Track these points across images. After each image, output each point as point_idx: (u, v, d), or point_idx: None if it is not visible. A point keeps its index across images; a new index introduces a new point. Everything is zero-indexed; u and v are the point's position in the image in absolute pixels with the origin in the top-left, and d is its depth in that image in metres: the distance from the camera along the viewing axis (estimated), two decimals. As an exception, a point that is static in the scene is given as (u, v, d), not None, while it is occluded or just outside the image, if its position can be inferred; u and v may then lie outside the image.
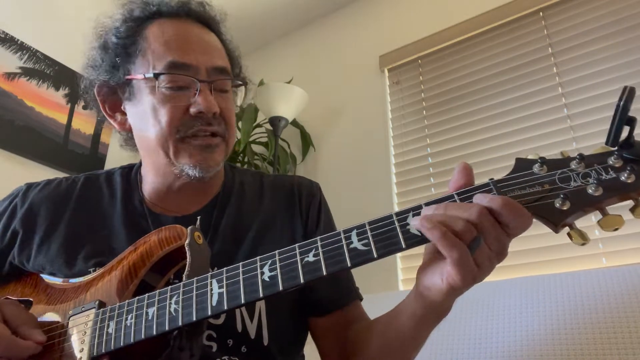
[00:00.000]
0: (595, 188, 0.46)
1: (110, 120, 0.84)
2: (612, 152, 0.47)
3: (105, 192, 0.85)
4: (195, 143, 0.75)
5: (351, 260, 0.51)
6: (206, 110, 0.74)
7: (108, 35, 0.81)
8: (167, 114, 0.74)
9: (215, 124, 0.76)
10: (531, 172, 0.50)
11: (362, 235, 0.52)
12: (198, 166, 0.75)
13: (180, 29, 0.78)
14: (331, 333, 0.81)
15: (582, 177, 0.48)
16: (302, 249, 0.54)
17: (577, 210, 0.47)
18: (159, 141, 0.75)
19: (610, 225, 0.46)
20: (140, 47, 0.77)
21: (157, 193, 0.83)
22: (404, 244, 0.50)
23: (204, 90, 0.75)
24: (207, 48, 0.79)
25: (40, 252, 0.78)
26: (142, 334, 0.59)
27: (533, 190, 0.49)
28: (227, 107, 0.79)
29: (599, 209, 0.48)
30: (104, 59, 0.80)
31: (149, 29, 0.78)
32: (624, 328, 0.88)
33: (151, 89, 0.75)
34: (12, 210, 0.82)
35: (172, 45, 0.76)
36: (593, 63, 1.67)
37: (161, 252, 0.66)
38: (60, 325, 0.67)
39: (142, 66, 0.77)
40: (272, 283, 0.54)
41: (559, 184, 0.48)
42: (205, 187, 0.84)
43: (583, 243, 0.48)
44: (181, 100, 0.75)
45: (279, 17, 2.64)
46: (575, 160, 0.48)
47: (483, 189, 0.51)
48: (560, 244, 1.50)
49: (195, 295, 0.58)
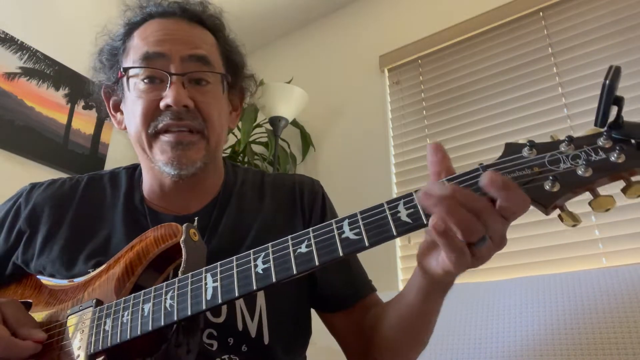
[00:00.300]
0: (584, 169, 0.46)
1: (113, 119, 0.86)
2: (601, 133, 0.48)
3: (109, 192, 0.85)
4: (165, 139, 0.74)
5: (343, 250, 0.51)
6: (174, 103, 0.72)
7: (107, 40, 0.84)
8: (139, 107, 0.74)
9: (188, 118, 0.73)
10: (520, 156, 0.50)
11: (354, 224, 0.52)
12: (170, 164, 0.73)
13: (163, 25, 0.79)
14: (350, 327, 0.81)
15: (571, 159, 0.47)
16: (294, 240, 0.54)
17: (567, 192, 0.47)
18: (136, 136, 0.76)
19: (602, 206, 0.46)
20: (127, 47, 0.80)
21: (154, 192, 0.82)
22: (395, 231, 0.50)
23: (176, 82, 0.73)
24: (186, 38, 0.77)
25: (42, 252, 0.78)
26: (138, 330, 0.59)
27: (523, 174, 0.48)
28: (205, 100, 0.76)
29: (589, 190, 0.47)
30: (102, 62, 0.83)
31: (137, 30, 0.80)
32: (624, 328, 0.88)
33: (130, 85, 0.76)
34: (17, 210, 0.82)
35: (149, 39, 0.77)
36: (593, 63, 1.67)
37: (157, 250, 0.66)
38: (59, 325, 0.67)
39: (125, 64, 0.79)
40: (266, 275, 0.54)
41: (548, 166, 0.48)
42: (204, 187, 0.83)
43: (574, 224, 0.47)
44: (154, 94, 0.74)
45: (279, 17, 2.64)
46: (565, 143, 0.48)
47: (473, 174, 0.50)
48: (561, 244, 1.50)
49: (190, 290, 0.58)
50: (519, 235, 1.56)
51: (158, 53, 0.75)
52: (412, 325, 0.68)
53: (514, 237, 0.45)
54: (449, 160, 0.52)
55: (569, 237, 1.49)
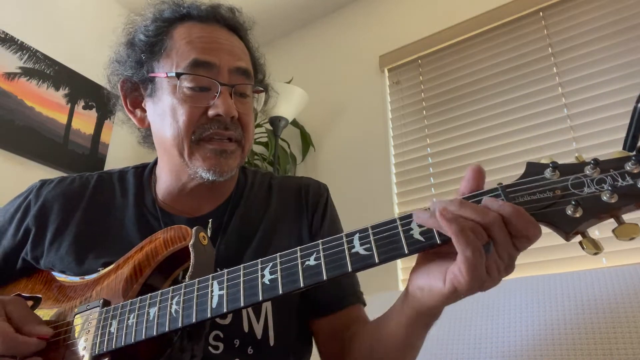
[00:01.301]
0: (610, 195, 0.44)
1: (130, 115, 0.84)
2: (629, 157, 0.45)
3: (118, 192, 0.85)
4: (210, 147, 0.74)
5: (352, 265, 0.50)
6: (224, 113, 0.73)
7: (136, 33, 0.81)
8: (185, 114, 0.74)
9: (232, 128, 0.76)
10: (542, 177, 0.48)
11: (365, 239, 0.51)
12: (212, 170, 0.74)
13: (207, 31, 0.78)
14: (328, 335, 0.80)
15: (596, 183, 0.45)
16: (303, 252, 0.54)
17: (589, 218, 0.44)
18: (175, 141, 0.75)
19: (627, 235, 0.43)
20: (165, 46, 0.78)
21: (170, 193, 0.82)
22: (406, 249, 0.49)
23: (224, 93, 0.74)
24: (231, 49, 0.79)
25: (51, 249, 0.78)
26: (143, 334, 0.59)
27: (543, 196, 0.46)
28: (245, 112, 0.79)
29: (614, 217, 0.45)
30: (130, 55, 0.81)
31: (176, 30, 0.79)
32: (624, 328, 0.88)
33: (172, 88, 0.75)
34: (26, 207, 0.82)
35: (196, 44, 0.76)
36: (593, 63, 1.68)
37: (166, 252, 0.66)
38: (66, 323, 0.67)
39: (165, 64, 0.77)
40: (272, 286, 0.53)
41: (571, 190, 0.46)
42: (219, 189, 0.83)
43: (596, 252, 0.45)
44: (201, 101, 0.74)
45: (279, 17, 2.64)
46: (590, 165, 0.46)
47: (491, 194, 0.48)
48: (561, 244, 1.49)
49: (195, 296, 0.57)
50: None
51: (208, 62, 0.75)
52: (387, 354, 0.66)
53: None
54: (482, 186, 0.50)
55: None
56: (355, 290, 0.84)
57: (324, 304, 0.80)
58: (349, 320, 0.79)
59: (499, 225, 0.46)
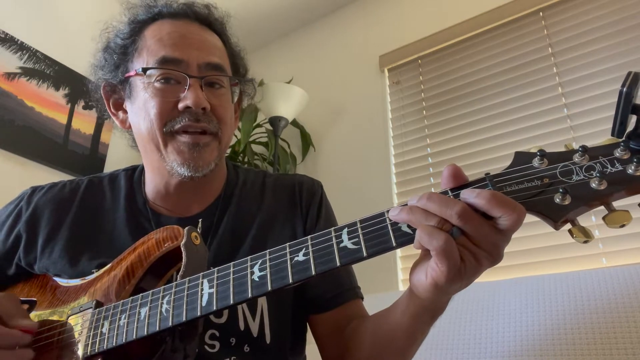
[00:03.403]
0: (599, 181, 0.43)
1: (114, 118, 0.86)
2: (618, 144, 0.44)
3: (108, 195, 0.86)
4: (182, 139, 0.74)
5: (340, 260, 0.50)
6: (193, 105, 0.73)
7: (112, 37, 0.83)
8: (156, 106, 0.74)
9: (204, 120, 0.75)
10: (530, 166, 0.47)
11: (353, 233, 0.50)
12: (186, 165, 0.74)
13: (177, 27, 0.79)
14: (330, 331, 0.80)
15: (585, 170, 0.44)
16: (292, 248, 0.53)
17: (579, 206, 0.44)
18: (150, 135, 0.76)
19: (617, 222, 0.43)
20: (137, 46, 0.79)
21: (158, 193, 0.82)
22: (394, 242, 0.48)
23: (194, 85, 0.74)
24: (201, 44, 0.78)
25: (43, 254, 0.79)
26: (134, 334, 0.59)
27: (531, 185, 0.46)
28: (220, 104, 0.78)
29: (604, 204, 0.44)
30: (107, 59, 0.82)
31: (148, 29, 0.80)
32: (624, 328, 0.88)
33: (145, 85, 0.76)
34: (18, 213, 0.83)
35: (165, 41, 0.77)
36: (593, 63, 1.67)
37: (158, 253, 0.66)
38: (60, 325, 0.67)
39: (137, 64, 0.78)
40: (262, 283, 0.53)
41: (560, 177, 0.45)
42: (208, 188, 0.83)
43: (586, 240, 0.44)
44: (171, 94, 0.75)
45: (279, 17, 2.64)
46: (578, 153, 0.45)
47: (478, 185, 0.48)
48: (561, 244, 1.50)
49: (186, 295, 0.57)
50: (519, 235, 1.56)
51: (176, 59, 0.75)
52: (390, 347, 0.67)
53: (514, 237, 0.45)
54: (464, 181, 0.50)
55: (568, 237, 1.47)
56: (353, 285, 0.84)
57: (322, 300, 0.80)
58: (348, 316, 0.80)
59: (468, 215, 0.45)
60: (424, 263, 0.51)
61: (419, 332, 0.63)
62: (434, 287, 0.48)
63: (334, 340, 0.79)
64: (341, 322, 0.79)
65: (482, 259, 0.47)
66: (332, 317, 0.80)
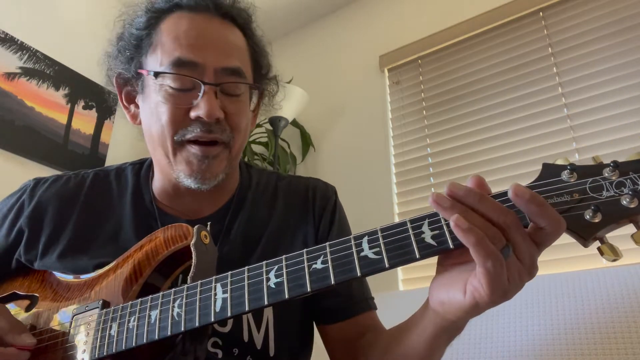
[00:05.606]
0: (630, 199, 0.42)
1: (125, 111, 0.81)
2: None
3: (115, 190, 0.82)
4: (192, 150, 0.71)
5: (361, 270, 0.48)
6: (206, 116, 0.69)
7: (127, 26, 0.78)
8: (167, 113, 0.70)
9: (217, 131, 0.71)
10: (560, 180, 0.45)
11: (374, 242, 0.48)
12: (193, 177, 0.71)
13: (195, 23, 0.73)
14: (341, 342, 0.77)
15: (615, 187, 0.43)
16: (310, 255, 0.51)
17: (609, 223, 0.43)
18: (160, 140, 0.72)
19: None
20: (152, 41, 0.74)
21: (166, 193, 0.79)
22: (418, 254, 0.46)
23: (209, 93, 0.70)
24: (220, 46, 0.73)
25: (46, 253, 0.76)
26: (144, 338, 0.57)
27: (561, 200, 0.44)
28: (235, 112, 0.74)
29: (632, 222, 0.43)
30: (120, 50, 0.78)
31: (164, 22, 0.74)
32: (624, 328, 0.88)
33: (157, 87, 0.72)
34: (19, 207, 0.79)
35: (182, 40, 0.71)
36: (593, 63, 1.68)
37: (167, 252, 0.64)
38: (64, 325, 0.66)
39: (151, 61, 0.73)
40: (278, 290, 0.51)
41: (590, 193, 0.44)
42: (220, 189, 0.78)
43: (615, 259, 0.43)
44: (184, 101, 0.71)
45: (279, 17, 2.64)
46: (609, 168, 0.44)
47: (505, 197, 0.45)
48: (561, 244, 1.49)
49: (198, 299, 0.55)
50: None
51: (191, 61, 0.70)
52: None
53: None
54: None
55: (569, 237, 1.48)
56: (366, 296, 0.81)
57: (334, 311, 0.78)
58: (361, 328, 0.77)
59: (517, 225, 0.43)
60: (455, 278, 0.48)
61: (434, 354, 0.59)
62: (474, 307, 0.46)
63: (345, 349, 0.77)
64: (353, 334, 0.76)
65: (524, 276, 0.45)
66: (344, 328, 0.77)
